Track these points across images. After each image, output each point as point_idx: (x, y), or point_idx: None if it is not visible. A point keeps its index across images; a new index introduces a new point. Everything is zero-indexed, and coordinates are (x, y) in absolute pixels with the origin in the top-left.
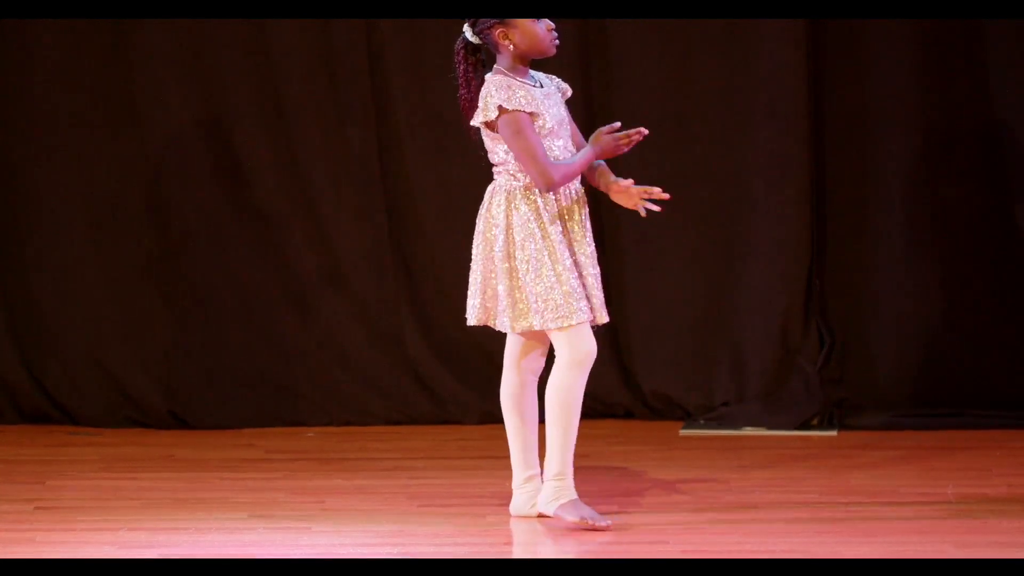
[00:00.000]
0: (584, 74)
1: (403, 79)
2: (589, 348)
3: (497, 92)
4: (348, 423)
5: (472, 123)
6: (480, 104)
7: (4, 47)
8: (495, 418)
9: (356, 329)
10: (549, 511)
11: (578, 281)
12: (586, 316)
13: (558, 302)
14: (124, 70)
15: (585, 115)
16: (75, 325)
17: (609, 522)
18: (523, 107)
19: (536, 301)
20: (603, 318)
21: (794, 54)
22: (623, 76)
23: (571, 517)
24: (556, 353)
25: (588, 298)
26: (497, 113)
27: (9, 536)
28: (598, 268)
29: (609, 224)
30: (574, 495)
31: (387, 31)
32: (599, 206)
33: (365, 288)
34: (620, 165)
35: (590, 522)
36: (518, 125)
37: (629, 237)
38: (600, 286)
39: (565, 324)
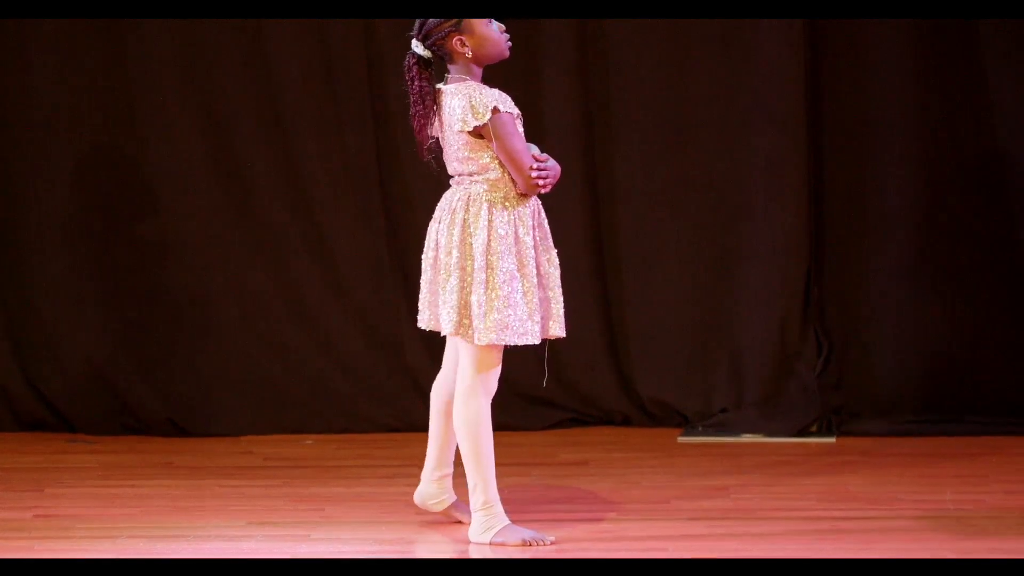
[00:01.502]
0: (583, 76)
1: (401, 84)
2: (496, 375)
3: (484, 95)
4: (347, 430)
5: (462, 129)
6: (461, 111)
7: (4, 47)
8: (493, 425)
9: (355, 335)
10: (485, 541)
11: (538, 300)
12: (529, 340)
13: (506, 320)
14: (124, 70)
15: (583, 117)
16: (73, 332)
17: (552, 538)
18: (512, 109)
19: (487, 313)
20: (560, 332)
21: (792, 56)
22: (622, 79)
23: (512, 541)
24: (460, 372)
25: (549, 312)
26: (491, 115)
27: (8, 544)
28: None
29: (607, 230)
30: (506, 520)
31: (385, 36)
32: (599, 212)
33: (364, 294)
34: (620, 170)
35: (532, 542)
36: (510, 127)
37: (627, 243)
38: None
39: (496, 341)
